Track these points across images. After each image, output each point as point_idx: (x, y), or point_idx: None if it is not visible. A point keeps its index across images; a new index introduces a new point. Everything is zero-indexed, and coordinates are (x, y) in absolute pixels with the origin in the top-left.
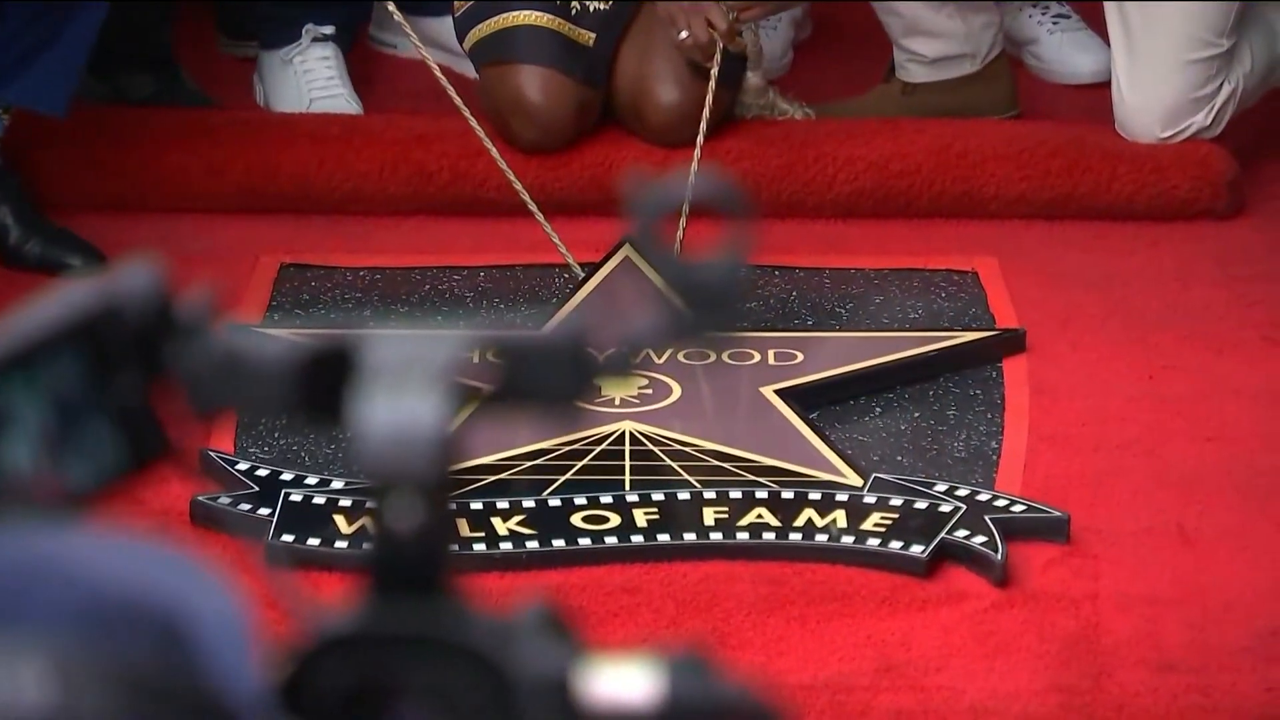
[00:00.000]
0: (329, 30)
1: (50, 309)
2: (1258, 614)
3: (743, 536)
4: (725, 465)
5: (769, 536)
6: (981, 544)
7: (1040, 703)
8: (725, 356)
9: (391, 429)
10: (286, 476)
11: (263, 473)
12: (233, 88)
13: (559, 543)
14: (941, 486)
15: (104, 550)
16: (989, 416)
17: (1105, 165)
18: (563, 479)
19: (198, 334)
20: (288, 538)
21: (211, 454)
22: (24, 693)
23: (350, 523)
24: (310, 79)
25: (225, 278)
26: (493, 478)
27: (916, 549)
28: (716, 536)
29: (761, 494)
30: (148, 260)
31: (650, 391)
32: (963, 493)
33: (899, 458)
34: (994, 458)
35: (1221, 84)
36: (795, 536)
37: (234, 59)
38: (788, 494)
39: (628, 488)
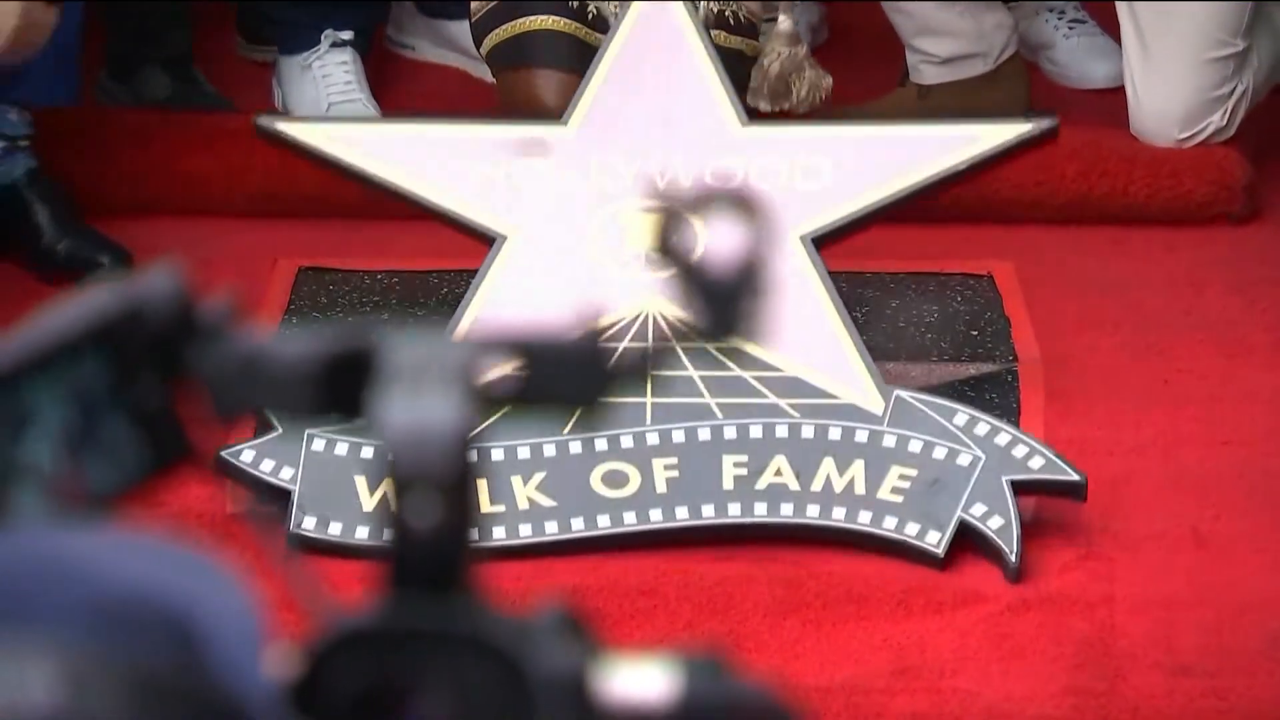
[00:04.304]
0: (347, 36)
1: (72, 312)
2: (1273, 617)
3: (760, 510)
4: (747, 376)
5: (787, 511)
6: (998, 529)
7: (1055, 705)
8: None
9: (410, 427)
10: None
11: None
12: (251, 92)
13: (578, 523)
14: (962, 419)
15: (117, 550)
16: (1004, 420)
17: (1121, 169)
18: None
19: (219, 337)
20: (309, 524)
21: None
22: (33, 693)
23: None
24: (328, 84)
25: (243, 281)
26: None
27: (933, 538)
28: (735, 511)
29: (781, 430)
30: (170, 265)
31: None
32: (982, 431)
33: None
34: None
35: (1236, 84)
36: (813, 510)
37: (253, 63)
38: (808, 432)
39: (649, 420)
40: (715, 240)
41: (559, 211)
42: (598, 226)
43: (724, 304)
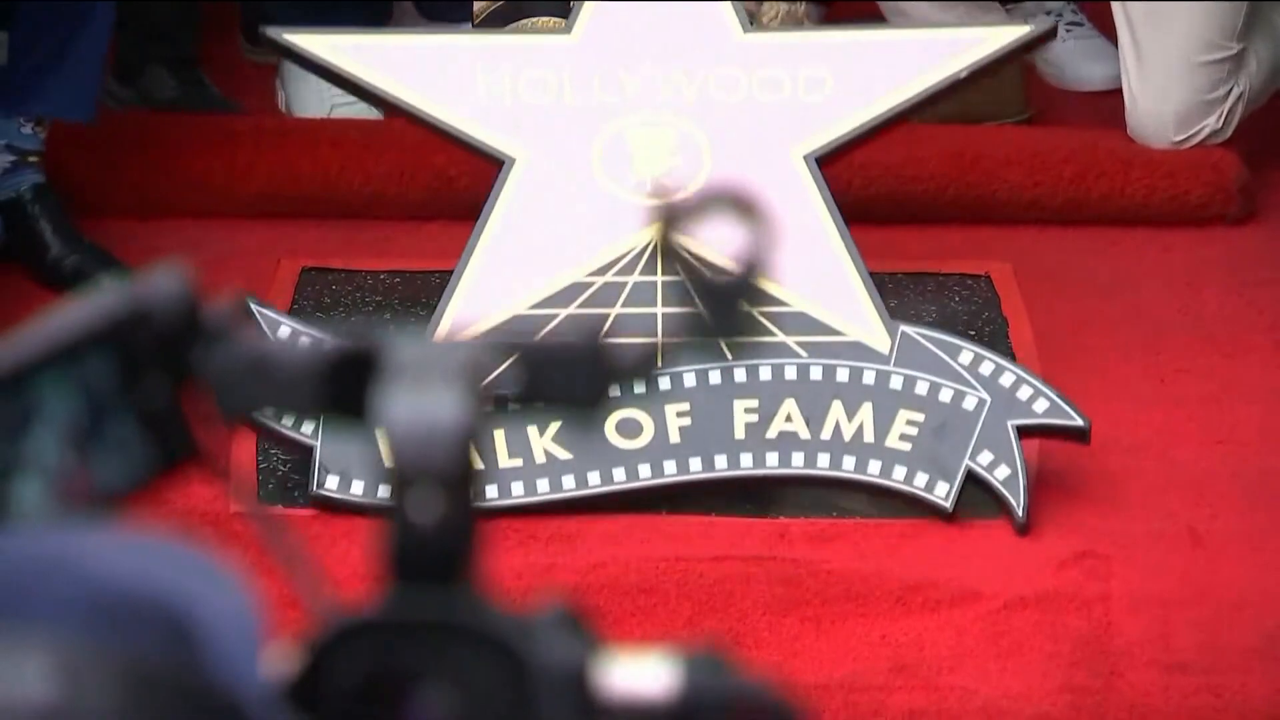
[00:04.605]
0: None
1: (79, 312)
2: (1268, 615)
3: (772, 461)
4: (754, 313)
5: (798, 461)
6: (1004, 480)
7: (1052, 702)
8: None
9: (412, 423)
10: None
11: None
12: (256, 93)
13: (594, 478)
14: (967, 356)
15: (115, 548)
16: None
17: (1118, 170)
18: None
19: (224, 338)
20: (332, 483)
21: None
22: (29, 687)
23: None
24: (332, 86)
25: (247, 281)
26: (549, 314)
27: (941, 490)
28: (747, 462)
29: (790, 372)
30: (176, 266)
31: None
32: (987, 370)
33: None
34: None
35: (1232, 86)
36: (824, 460)
37: (257, 65)
38: (816, 374)
39: (659, 363)
40: (716, 242)
41: (565, 130)
42: (603, 146)
43: (727, 304)
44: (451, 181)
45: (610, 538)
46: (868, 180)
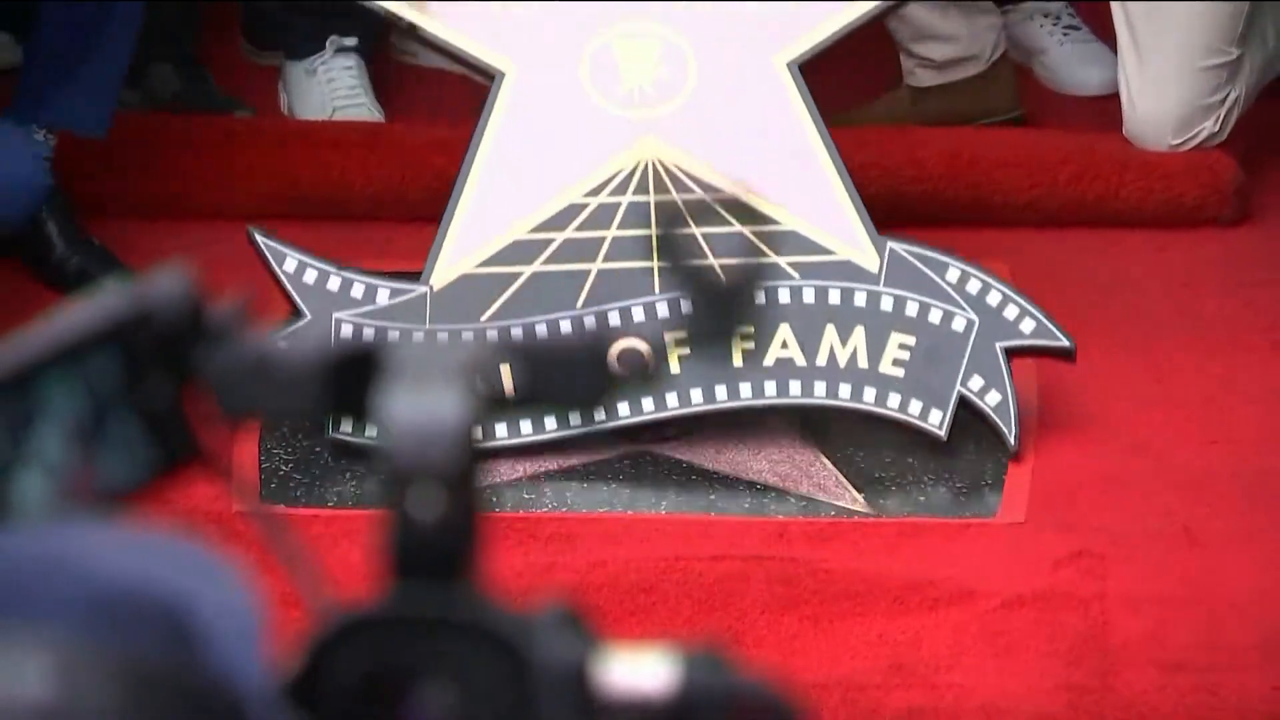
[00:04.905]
0: (352, 41)
1: (84, 312)
2: (1264, 614)
3: (770, 391)
4: (746, 232)
5: (795, 390)
6: (995, 406)
7: (1049, 701)
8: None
9: (413, 422)
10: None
11: (309, 279)
12: (258, 95)
13: (599, 412)
14: (954, 274)
15: (115, 545)
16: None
17: (1114, 173)
18: (598, 263)
19: (227, 338)
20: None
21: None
22: (28, 689)
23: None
24: (334, 88)
25: (249, 283)
26: (548, 239)
27: (935, 418)
28: (746, 393)
29: (784, 295)
30: (179, 268)
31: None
32: (974, 289)
33: (910, 459)
34: (1003, 460)
35: (1229, 91)
36: (820, 389)
37: (258, 67)
38: (809, 296)
39: (656, 290)
40: (715, 244)
41: (553, 42)
42: (591, 58)
43: (725, 306)
44: (451, 183)
45: (610, 537)
46: (866, 181)
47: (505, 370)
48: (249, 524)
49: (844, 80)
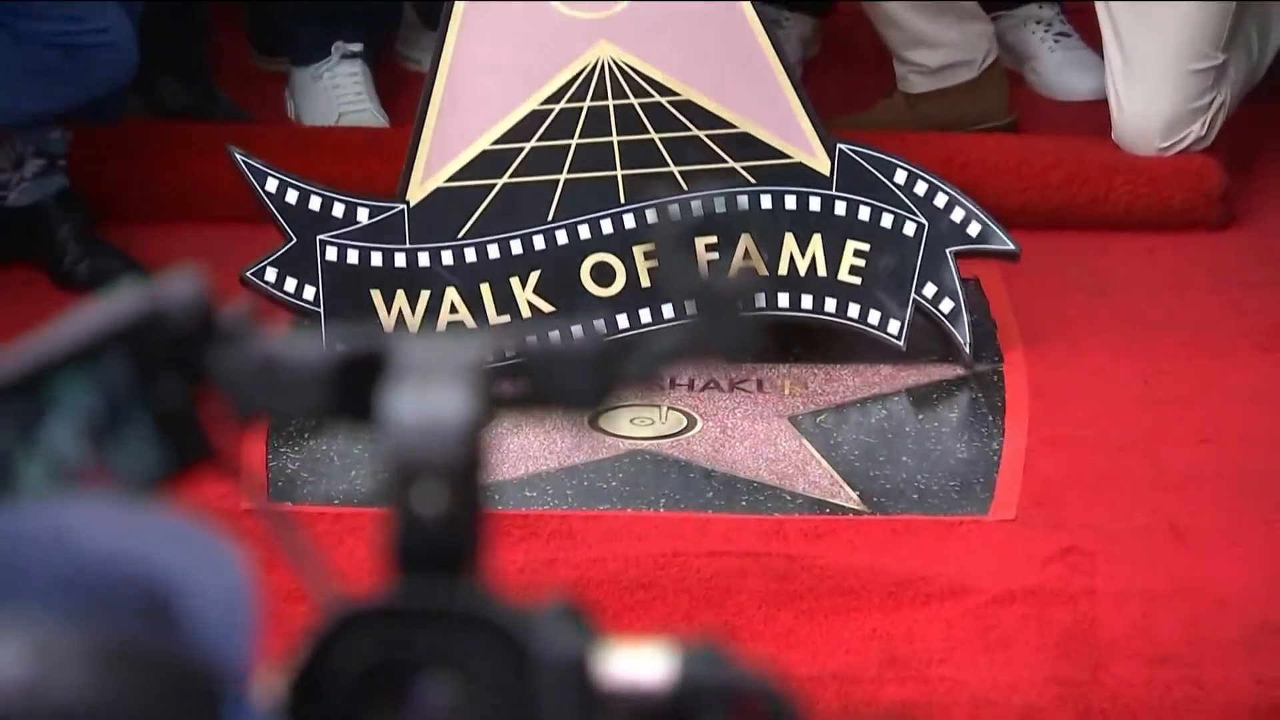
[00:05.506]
0: (357, 48)
1: (97, 314)
2: (1249, 608)
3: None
4: (702, 135)
5: (760, 302)
6: (949, 313)
7: (1039, 694)
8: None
9: (417, 418)
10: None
11: (291, 198)
12: (265, 101)
13: (577, 330)
14: (901, 175)
15: (106, 522)
16: (990, 418)
17: (1103, 177)
18: (564, 174)
19: (237, 340)
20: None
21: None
22: (3, 667)
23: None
24: (339, 94)
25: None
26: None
27: (893, 328)
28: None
29: (743, 201)
30: (191, 270)
31: None
32: (921, 190)
33: (904, 458)
34: (995, 458)
35: (1215, 95)
36: (784, 300)
37: (264, 73)
38: (766, 202)
39: (622, 200)
40: (714, 263)
41: None
42: None
43: (725, 322)
44: None
45: (610, 534)
46: None
47: (505, 371)
48: (257, 521)
49: (838, 87)
